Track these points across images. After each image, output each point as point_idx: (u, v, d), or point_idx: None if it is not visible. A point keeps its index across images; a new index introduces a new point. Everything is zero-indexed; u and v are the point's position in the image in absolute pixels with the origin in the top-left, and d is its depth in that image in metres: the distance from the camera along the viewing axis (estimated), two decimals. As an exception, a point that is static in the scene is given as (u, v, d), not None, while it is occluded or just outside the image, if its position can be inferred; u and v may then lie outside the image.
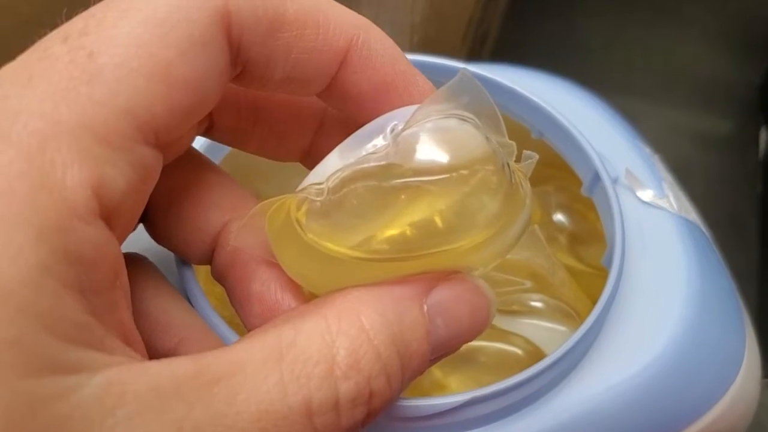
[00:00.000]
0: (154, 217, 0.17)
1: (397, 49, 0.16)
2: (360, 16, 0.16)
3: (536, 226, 0.23)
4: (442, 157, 0.14)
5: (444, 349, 0.15)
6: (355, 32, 0.16)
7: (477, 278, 0.16)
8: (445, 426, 0.18)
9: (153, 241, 0.18)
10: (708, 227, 0.43)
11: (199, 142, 0.21)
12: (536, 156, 0.16)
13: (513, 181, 0.15)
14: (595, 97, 0.26)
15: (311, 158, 0.19)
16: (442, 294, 0.15)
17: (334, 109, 0.18)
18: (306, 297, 0.17)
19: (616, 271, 0.19)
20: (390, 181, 0.14)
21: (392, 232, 0.14)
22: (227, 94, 0.17)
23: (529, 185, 0.16)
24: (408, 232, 0.14)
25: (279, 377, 0.13)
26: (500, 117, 0.16)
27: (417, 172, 0.14)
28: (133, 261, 0.17)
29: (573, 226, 0.25)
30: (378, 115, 0.16)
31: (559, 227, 0.25)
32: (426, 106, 0.15)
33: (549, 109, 0.22)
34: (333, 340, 0.13)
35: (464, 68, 0.16)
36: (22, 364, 0.11)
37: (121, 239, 0.14)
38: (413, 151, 0.14)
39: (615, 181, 0.22)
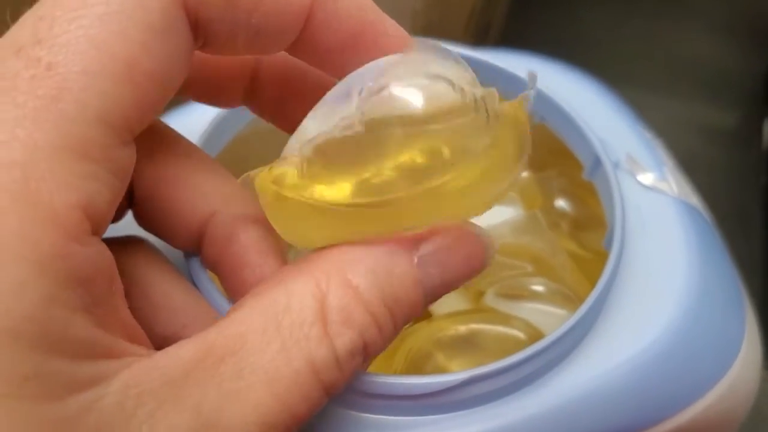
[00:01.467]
0: (141, 204, 0.17)
1: (364, 1, 0.16)
2: None
3: (538, 211, 0.23)
4: (418, 111, 0.14)
5: (439, 293, 0.16)
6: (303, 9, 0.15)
7: (471, 224, 0.16)
8: (445, 405, 0.18)
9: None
10: (713, 218, 0.43)
11: (197, 135, 0.22)
12: (536, 74, 0.17)
13: (491, 122, 0.15)
14: (597, 82, 0.26)
15: (255, 102, 0.19)
16: (434, 243, 0.15)
17: (305, 61, 0.17)
18: None
19: (616, 253, 0.19)
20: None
21: (401, 159, 0.15)
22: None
23: (526, 122, 0.16)
24: (418, 159, 0.15)
25: (281, 344, 0.13)
26: (470, 69, 0.16)
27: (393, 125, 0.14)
28: (136, 245, 0.17)
29: (575, 212, 0.25)
30: (350, 68, 0.16)
31: (560, 213, 0.25)
32: (394, 68, 0.15)
33: (550, 94, 0.22)
34: (323, 299, 0.14)
35: (418, 38, 0.16)
36: (43, 393, 0.11)
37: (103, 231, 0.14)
38: (385, 111, 0.14)
39: (616, 165, 0.22)
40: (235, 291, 0.17)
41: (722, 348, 0.22)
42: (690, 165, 0.45)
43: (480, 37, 0.44)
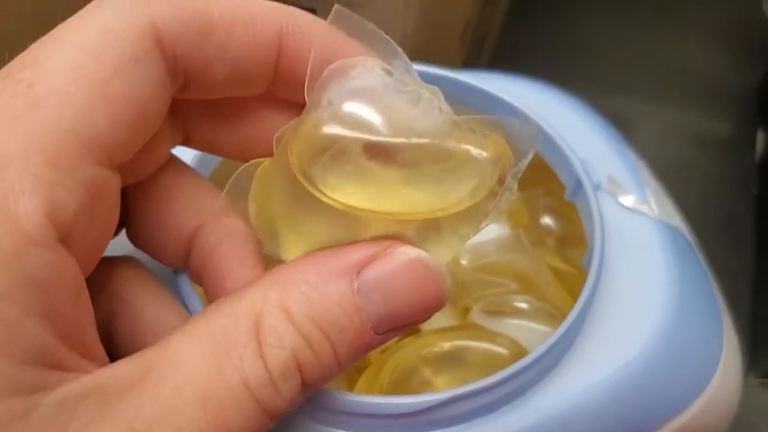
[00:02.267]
0: (131, 220, 0.18)
1: (327, 25, 0.17)
2: (286, 7, 0.17)
3: (521, 230, 0.24)
4: (392, 120, 0.15)
5: (391, 323, 0.15)
6: (283, 20, 0.16)
7: (420, 251, 0.16)
8: (428, 423, 0.18)
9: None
10: (704, 228, 0.43)
11: (191, 153, 0.22)
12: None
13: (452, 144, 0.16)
14: (583, 104, 0.26)
15: None
16: (376, 269, 0.15)
17: (286, 97, 0.18)
18: None
19: (595, 272, 0.20)
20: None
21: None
22: (198, 108, 0.18)
23: (495, 139, 0.16)
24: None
25: (216, 363, 0.14)
26: (398, 48, 0.16)
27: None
28: (126, 264, 0.18)
29: (560, 229, 0.26)
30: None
31: (546, 230, 0.26)
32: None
33: (534, 117, 0.23)
34: (257, 321, 0.14)
35: (337, 6, 0.16)
36: None
37: (90, 258, 0.15)
38: (355, 114, 0.15)
39: (597, 186, 0.23)
40: None
41: (701, 365, 0.22)
42: (683, 174, 0.46)
43: (475, 50, 0.44)
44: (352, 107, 0.15)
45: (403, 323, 0.16)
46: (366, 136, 0.15)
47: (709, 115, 0.48)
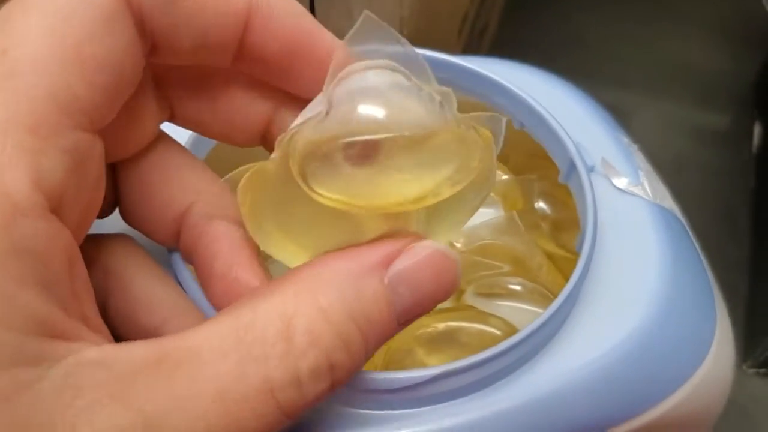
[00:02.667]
0: (124, 199, 0.18)
1: (300, 7, 0.17)
2: None
3: (515, 213, 0.24)
4: (384, 115, 0.15)
5: (413, 313, 0.16)
6: (239, 19, 0.16)
7: (438, 243, 0.16)
8: (417, 399, 0.19)
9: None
10: (702, 219, 0.43)
11: (186, 135, 0.22)
12: (504, 118, 0.17)
13: (461, 128, 0.16)
14: (577, 89, 0.26)
15: (269, 142, 0.19)
16: (403, 263, 0.15)
17: (253, 74, 0.18)
18: (266, 276, 0.17)
19: (587, 253, 0.20)
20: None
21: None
22: (182, 84, 0.18)
23: (483, 133, 0.17)
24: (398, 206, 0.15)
25: (237, 359, 0.13)
26: (421, 58, 0.16)
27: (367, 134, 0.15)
28: (119, 241, 0.18)
29: (555, 214, 0.26)
30: (291, 74, 0.17)
31: (541, 215, 0.26)
32: (346, 57, 0.16)
33: (528, 99, 0.23)
34: (290, 320, 0.14)
35: (366, 12, 0.16)
36: None
37: (80, 228, 0.15)
38: (354, 111, 0.15)
39: (591, 169, 0.23)
40: (207, 282, 0.18)
41: (692, 347, 0.22)
42: (680, 166, 0.46)
43: (474, 41, 0.44)
44: (352, 107, 0.15)
45: (423, 312, 0.16)
46: (351, 139, 0.15)
47: (707, 109, 0.48)
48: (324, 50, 0.17)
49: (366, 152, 0.15)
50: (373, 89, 0.15)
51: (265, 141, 0.20)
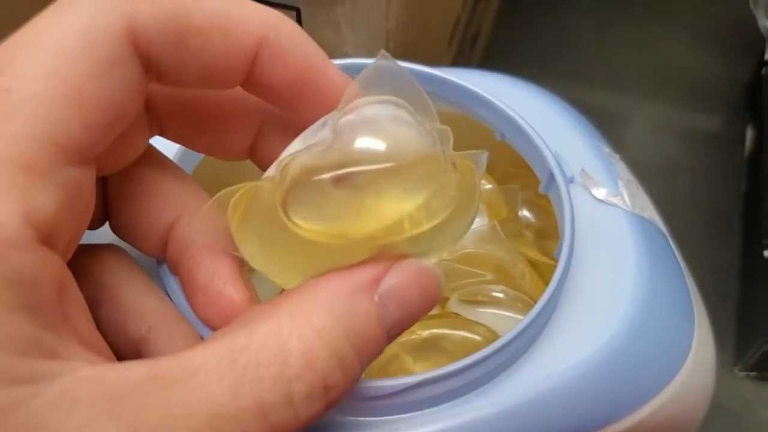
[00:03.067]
0: (114, 212, 0.19)
1: (310, 43, 0.17)
2: (272, 13, 0.17)
3: (495, 222, 0.24)
4: (381, 147, 0.16)
5: (401, 327, 0.16)
6: (264, 31, 0.16)
7: (422, 261, 0.17)
8: (400, 405, 0.19)
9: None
10: (693, 223, 0.44)
11: (174, 148, 0.23)
12: (486, 153, 0.18)
13: (456, 169, 0.16)
14: (559, 99, 0.27)
15: (257, 156, 0.20)
16: (393, 281, 0.16)
17: (257, 97, 0.18)
18: (249, 289, 0.18)
19: (564, 261, 0.21)
20: (341, 171, 0.16)
21: (364, 230, 0.16)
22: (171, 104, 0.18)
23: (477, 174, 0.17)
24: (378, 234, 0.16)
25: (231, 380, 0.13)
26: (429, 100, 0.17)
27: (363, 163, 0.16)
28: (107, 251, 0.19)
29: (538, 222, 0.27)
30: (295, 105, 0.17)
31: (525, 223, 0.27)
32: (356, 93, 0.16)
33: (508, 111, 0.23)
34: (285, 342, 0.14)
35: (383, 51, 0.17)
36: None
37: (71, 247, 0.15)
38: (354, 139, 0.16)
39: (570, 180, 0.23)
40: (191, 293, 0.18)
41: (670, 354, 0.23)
42: (672, 170, 0.46)
43: (467, 48, 0.45)
44: (353, 137, 0.16)
45: (410, 325, 0.17)
46: (345, 170, 0.16)
47: (699, 112, 0.49)
48: (330, 86, 0.17)
49: (355, 181, 0.16)
50: (375, 121, 0.16)
51: (253, 155, 0.20)
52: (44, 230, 0.14)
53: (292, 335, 0.14)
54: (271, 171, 0.17)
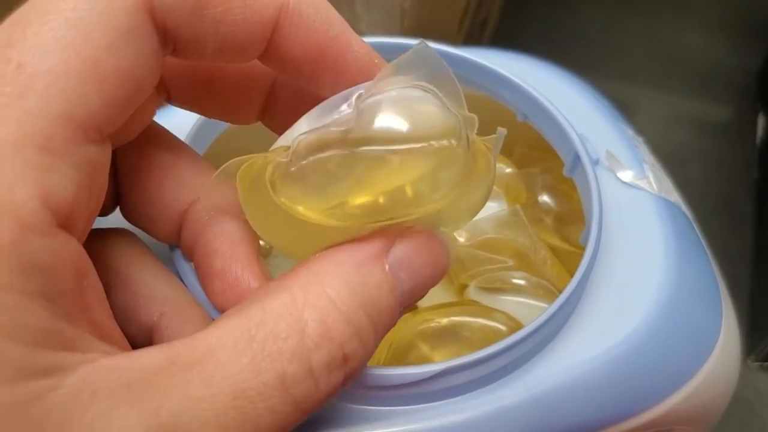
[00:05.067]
0: (125, 196, 0.18)
1: (332, 12, 0.16)
2: None
3: (518, 207, 0.23)
4: (403, 126, 0.15)
5: (410, 298, 0.16)
6: (269, 20, 0.16)
7: (431, 229, 0.16)
8: (422, 395, 0.19)
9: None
10: (705, 211, 0.43)
11: (189, 125, 0.22)
12: (505, 131, 0.17)
13: (471, 150, 0.15)
14: (582, 81, 0.26)
15: (269, 118, 0.19)
16: (402, 250, 0.16)
17: (275, 71, 0.18)
18: (266, 275, 0.17)
19: (592, 248, 0.20)
20: (354, 149, 0.15)
21: (364, 199, 0.15)
22: (178, 69, 0.18)
23: (493, 156, 0.17)
24: (380, 200, 0.15)
25: (251, 357, 0.13)
26: (460, 89, 0.16)
27: (379, 141, 0.15)
28: (119, 236, 0.18)
29: (559, 207, 0.26)
30: (318, 79, 0.16)
31: (545, 208, 0.26)
32: (387, 77, 0.16)
33: (532, 92, 0.22)
34: (300, 314, 0.14)
35: (422, 41, 0.16)
36: None
37: (86, 230, 0.15)
38: (374, 119, 0.15)
39: (596, 162, 0.22)
40: (207, 280, 0.17)
41: (698, 341, 0.22)
42: (683, 158, 0.46)
43: (475, 34, 0.44)
44: (367, 119, 0.15)
45: (420, 296, 0.16)
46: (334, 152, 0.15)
47: (710, 100, 0.48)
48: (353, 58, 0.16)
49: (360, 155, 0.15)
50: (400, 103, 0.15)
51: (264, 117, 0.19)
52: (63, 213, 0.13)
53: (307, 305, 0.14)
54: (282, 141, 0.16)
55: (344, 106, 0.16)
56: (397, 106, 0.15)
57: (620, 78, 0.49)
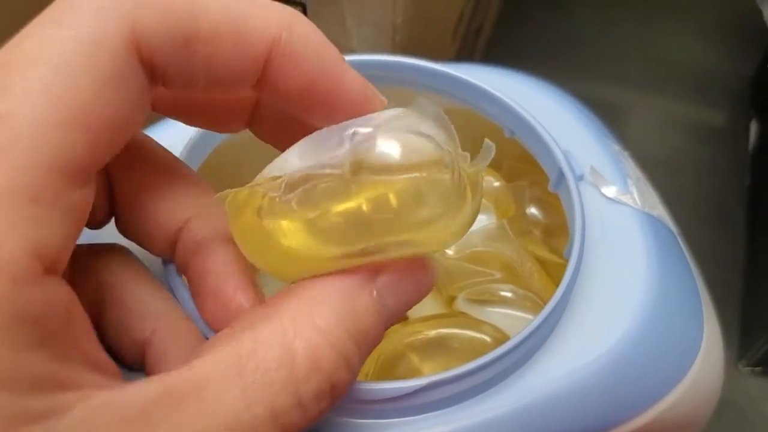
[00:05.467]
0: (120, 213, 0.18)
1: (325, 45, 0.16)
2: (286, 11, 0.16)
3: (504, 221, 0.24)
4: (395, 160, 0.15)
5: (395, 318, 0.16)
6: (277, 32, 0.15)
7: (416, 251, 0.16)
8: (406, 408, 0.19)
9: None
10: (697, 217, 0.44)
11: (186, 138, 0.23)
12: (492, 145, 0.17)
13: (461, 182, 0.16)
14: (568, 95, 0.27)
15: (257, 127, 0.19)
16: (390, 275, 0.16)
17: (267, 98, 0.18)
18: (258, 296, 0.18)
19: (575, 260, 0.20)
20: (346, 180, 0.15)
21: (347, 205, 0.15)
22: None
23: (482, 186, 0.17)
24: (364, 207, 0.15)
25: (242, 388, 0.13)
26: (455, 134, 0.16)
27: (371, 171, 0.15)
28: (112, 252, 0.18)
29: (547, 219, 0.26)
30: (309, 111, 0.16)
31: (533, 221, 0.26)
32: (391, 120, 0.16)
33: (517, 108, 0.23)
34: (290, 344, 0.14)
35: (423, 95, 0.16)
36: None
37: (68, 257, 0.15)
38: (369, 155, 0.15)
39: (580, 178, 0.23)
40: (199, 298, 0.18)
41: (681, 352, 0.22)
42: (677, 164, 0.46)
43: (470, 41, 0.44)
44: (363, 151, 0.15)
45: (403, 314, 0.17)
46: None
47: (703, 106, 0.48)
48: (345, 92, 0.16)
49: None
50: (396, 137, 0.15)
51: (252, 125, 0.19)
52: (50, 260, 0.13)
53: (297, 336, 0.14)
54: (271, 170, 0.16)
55: (339, 146, 0.16)
56: (391, 142, 0.15)
57: (615, 82, 0.49)
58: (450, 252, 0.25)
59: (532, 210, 0.26)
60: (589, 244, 0.22)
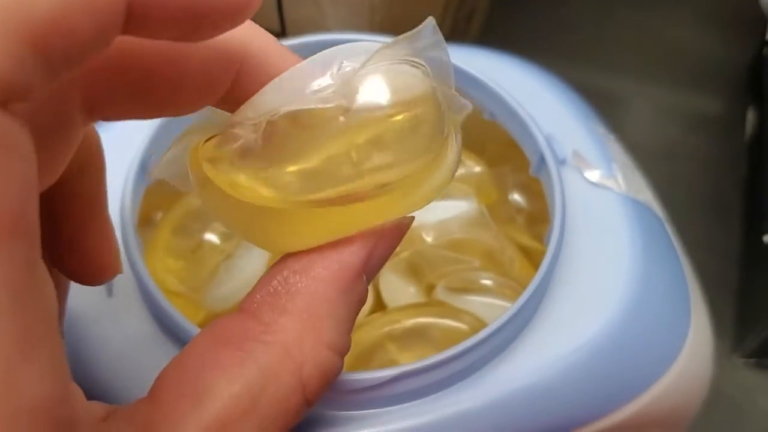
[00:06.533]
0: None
1: (279, 51, 0.15)
2: (244, 31, 0.14)
3: (483, 207, 0.23)
4: (384, 98, 0.14)
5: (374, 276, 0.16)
6: (234, 63, 0.14)
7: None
8: (381, 399, 0.19)
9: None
10: (693, 206, 0.43)
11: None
12: (470, 105, 0.16)
13: (446, 129, 0.15)
14: (555, 78, 0.26)
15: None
16: (378, 258, 0.15)
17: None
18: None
19: (553, 248, 0.20)
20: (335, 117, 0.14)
21: (302, 165, 0.14)
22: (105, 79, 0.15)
23: (460, 137, 0.16)
24: (318, 165, 0.14)
25: (258, 423, 0.13)
26: (452, 69, 0.15)
27: (363, 109, 0.14)
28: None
29: (530, 206, 0.26)
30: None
31: (516, 207, 0.26)
32: (383, 49, 0.14)
33: (498, 90, 0.22)
34: (300, 371, 0.14)
35: (431, 18, 0.15)
36: None
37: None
38: (358, 92, 0.14)
39: (562, 162, 0.22)
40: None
41: (666, 342, 0.22)
42: (672, 153, 0.45)
43: (461, 28, 0.43)
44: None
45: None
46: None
47: (700, 94, 0.48)
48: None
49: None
50: (382, 73, 0.14)
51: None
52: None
53: (306, 363, 0.14)
54: (246, 113, 0.15)
55: (325, 78, 0.14)
56: (381, 80, 0.14)
57: (610, 71, 0.49)
58: (428, 239, 0.24)
59: (515, 196, 0.26)
60: (569, 230, 0.21)
